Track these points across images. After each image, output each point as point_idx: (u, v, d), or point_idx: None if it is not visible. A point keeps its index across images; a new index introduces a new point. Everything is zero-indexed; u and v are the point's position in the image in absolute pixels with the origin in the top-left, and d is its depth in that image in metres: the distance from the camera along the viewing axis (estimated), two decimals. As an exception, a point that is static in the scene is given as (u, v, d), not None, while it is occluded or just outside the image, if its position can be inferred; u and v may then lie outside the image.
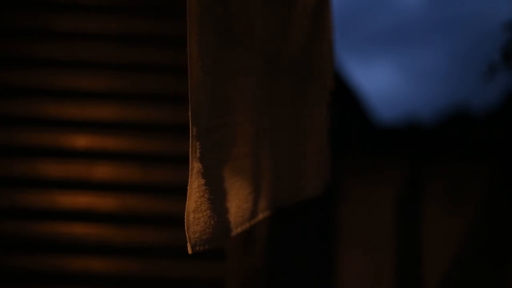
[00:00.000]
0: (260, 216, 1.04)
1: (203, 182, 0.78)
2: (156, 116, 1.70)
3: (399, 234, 2.46)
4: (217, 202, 0.83)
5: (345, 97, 3.62)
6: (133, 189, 1.70)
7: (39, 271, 1.67)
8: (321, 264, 2.45)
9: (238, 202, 0.93)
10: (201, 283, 1.70)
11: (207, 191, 0.79)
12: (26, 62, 1.70)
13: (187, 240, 0.76)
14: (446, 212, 2.46)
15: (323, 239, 2.46)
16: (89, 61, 1.71)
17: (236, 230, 0.92)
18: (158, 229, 1.69)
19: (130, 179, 1.69)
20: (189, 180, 0.77)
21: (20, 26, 1.70)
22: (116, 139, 1.70)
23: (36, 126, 1.69)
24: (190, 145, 0.76)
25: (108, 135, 1.70)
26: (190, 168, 0.76)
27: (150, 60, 1.72)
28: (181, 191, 1.71)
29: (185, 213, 0.77)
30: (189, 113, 0.75)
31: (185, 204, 0.78)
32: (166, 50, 1.71)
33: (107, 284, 1.69)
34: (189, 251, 0.77)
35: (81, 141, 1.69)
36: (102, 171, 1.69)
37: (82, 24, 1.70)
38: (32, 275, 1.67)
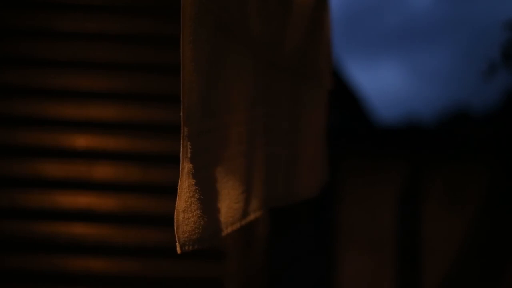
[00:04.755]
0: (252, 216, 1.04)
1: (193, 183, 0.78)
2: (156, 116, 1.70)
3: (399, 234, 2.46)
4: (207, 202, 0.83)
5: (345, 97, 3.62)
6: (133, 189, 1.70)
7: (39, 271, 1.67)
8: (321, 264, 2.45)
9: (229, 202, 0.93)
10: (201, 283, 1.70)
11: (197, 191, 0.79)
12: (26, 62, 1.70)
13: (176, 239, 0.77)
14: (446, 212, 2.46)
15: (323, 239, 2.46)
16: (89, 61, 1.71)
17: (226, 230, 0.92)
18: (158, 229, 1.70)
19: (130, 179, 1.69)
20: (179, 180, 0.77)
21: (20, 26, 1.70)
22: (116, 139, 1.70)
23: (36, 126, 1.69)
24: (181, 145, 0.76)
25: (108, 135, 1.70)
26: (180, 168, 0.77)
27: (150, 60, 1.72)
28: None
29: (175, 213, 0.77)
30: (181, 113, 0.75)
31: (185, 204, 0.78)
32: (167, 50, 1.71)
33: (107, 284, 1.69)
34: (178, 250, 0.78)
35: (81, 141, 1.69)
36: (102, 171, 1.69)
37: (82, 24, 1.71)
38: (32, 275, 1.67)
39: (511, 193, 2.44)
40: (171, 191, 1.73)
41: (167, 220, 1.68)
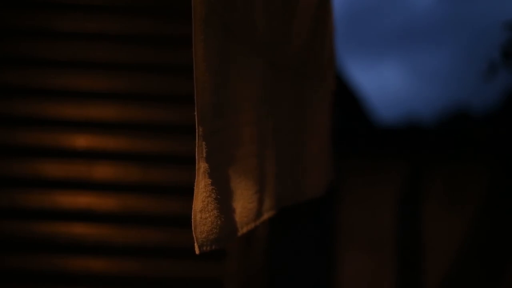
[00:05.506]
0: (265, 216, 1.04)
1: (209, 182, 0.77)
2: (156, 116, 1.70)
3: (399, 234, 2.46)
4: (223, 202, 0.82)
5: (346, 97, 3.62)
6: (133, 189, 1.70)
7: (39, 271, 1.67)
8: (321, 264, 2.45)
9: (243, 202, 0.92)
10: (201, 283, 1.70)
11: (214, 191, 0.78)
12: (26, 62, 1.70)
13: (194, 240, 0.76)
14: (446, 212, 2.46)
15: (323, 239, 2.46)
16: (89, 61, 1.71)
17: (242, 230, 0.92)
18: (158, 229, 1.69)
19: (130, 179, 1.69)
20: (196, 180, 0.76)
21: (20, 26, 1.70)
22: (116, 139, 1.70)
23: (36, 126, 1.69)
24: (197, 145, 0.75)
25: (108, 135, 1.70)
26: (196, 168, 0.76)
27: (150, 60, 1.72)
28: (181, 191, 1.71)
29: (192, 213, 0.76)
30: (195, 113, 0.75)
31: (185, 204, 0.77)
32: (167, 50, 1.71)
33: (107, 284, 1.69)
34: (196, 251, 0.76)
35: (81, 141, 1.69)
36: (102, 171, 1.69)
37: (82, 24, 1.70)
38: (32, 275, 1.67)
39: (511, 193, 2.44)
40: (171, 191, 1.74)
41: (167, 220, 1.69)
